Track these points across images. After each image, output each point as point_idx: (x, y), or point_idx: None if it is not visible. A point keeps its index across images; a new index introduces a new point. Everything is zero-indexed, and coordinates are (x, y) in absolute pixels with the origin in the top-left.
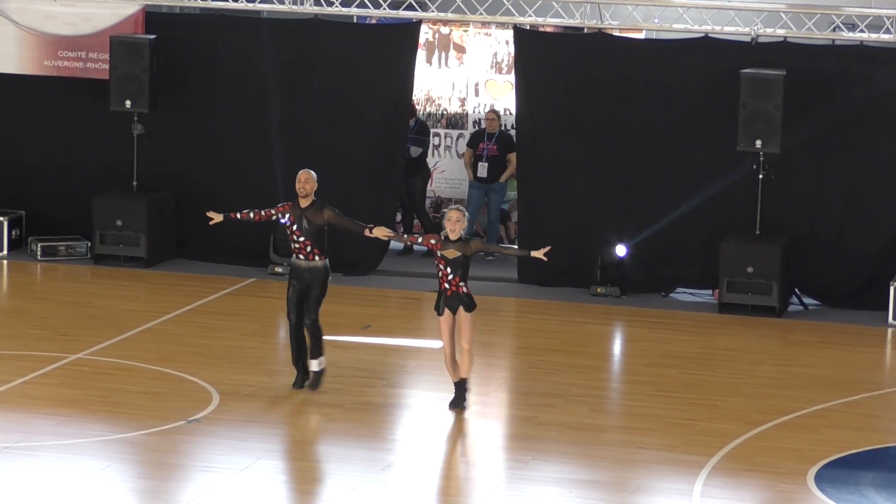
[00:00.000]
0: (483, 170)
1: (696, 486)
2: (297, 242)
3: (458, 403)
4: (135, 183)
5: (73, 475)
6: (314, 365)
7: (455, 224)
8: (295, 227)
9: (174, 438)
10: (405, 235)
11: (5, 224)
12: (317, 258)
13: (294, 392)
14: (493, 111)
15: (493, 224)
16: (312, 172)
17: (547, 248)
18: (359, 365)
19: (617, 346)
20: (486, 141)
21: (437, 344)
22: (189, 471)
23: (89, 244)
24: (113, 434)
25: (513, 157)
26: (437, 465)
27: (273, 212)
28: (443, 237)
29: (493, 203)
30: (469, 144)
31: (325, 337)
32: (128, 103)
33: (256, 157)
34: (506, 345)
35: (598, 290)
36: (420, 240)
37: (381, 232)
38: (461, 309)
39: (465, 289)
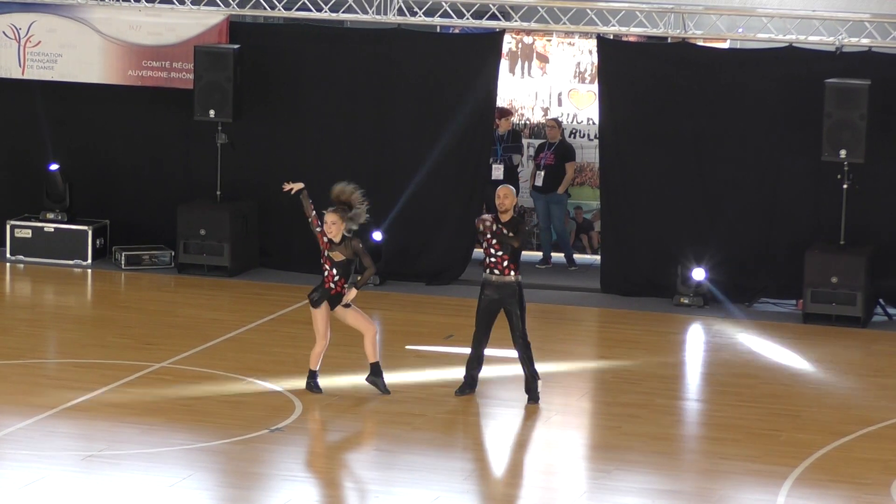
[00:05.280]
0: (539, 179)
1: (780, 497)
2: (495, 256)
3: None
4: (218, 192)
5: (157, 483)
6: (540, 385)
7: (331, 227)
8: (490, 238)
9: (257, 447)
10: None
11: (90, 233)
12: (512, 273)
13: (376, 401)
14: (553, 120)
15: (562, 235)
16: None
17: (352, 296)
18: (442, 375)
19: (700, 357)
20: (545, 150)
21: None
22: (272, 479)
23: (173, 253)
24: (196, 443)
25: (570, 166)
26: (518, 475)
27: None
28: (326, 240)
29: (555, 214)
30: (535, 153)
31: (407, 347)
32: (211, 113)
33: (339, 166)
34: (588, 354)
35: (682, 300)
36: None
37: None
38: (340, 306)
39: (345, 290)
